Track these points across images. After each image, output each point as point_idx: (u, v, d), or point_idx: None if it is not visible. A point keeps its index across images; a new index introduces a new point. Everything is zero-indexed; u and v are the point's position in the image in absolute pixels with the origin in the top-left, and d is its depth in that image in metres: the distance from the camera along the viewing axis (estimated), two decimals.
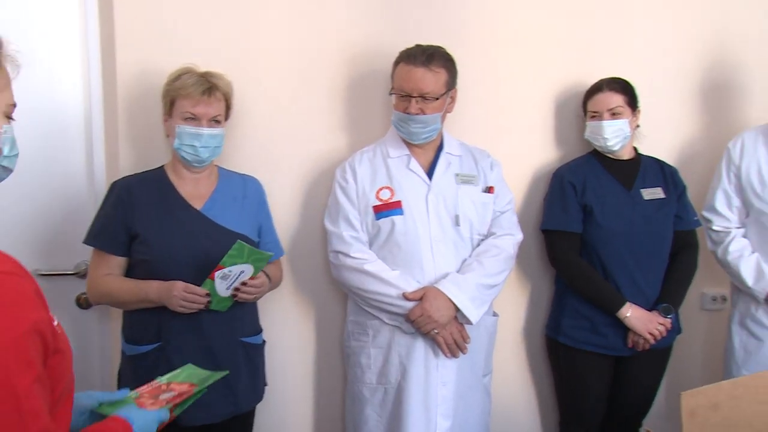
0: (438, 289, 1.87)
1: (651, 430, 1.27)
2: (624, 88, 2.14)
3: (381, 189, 1.96)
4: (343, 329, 2.09)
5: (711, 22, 2.43)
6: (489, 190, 2.02)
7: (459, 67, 1.96)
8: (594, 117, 2.15)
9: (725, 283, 2.35)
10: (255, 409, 1.89)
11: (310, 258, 2.16)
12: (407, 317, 1.87)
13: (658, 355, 2.16)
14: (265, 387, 1.90)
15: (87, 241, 1.73)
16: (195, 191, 1.78)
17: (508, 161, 2.15)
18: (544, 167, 2.33)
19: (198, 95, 1.68)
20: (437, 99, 1.89)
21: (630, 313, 2.05)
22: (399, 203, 1.94)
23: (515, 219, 2.09)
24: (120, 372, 1.80)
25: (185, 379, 1.27)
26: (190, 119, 1.70)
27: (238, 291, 1.69)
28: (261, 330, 1.89)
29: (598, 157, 2.20)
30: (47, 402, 0.90)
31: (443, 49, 1.93)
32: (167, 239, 1.69)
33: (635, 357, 2.12)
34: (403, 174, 1.97)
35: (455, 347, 1.90)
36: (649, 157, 2.25)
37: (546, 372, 2.38)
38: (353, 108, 2.15)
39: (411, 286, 1.89)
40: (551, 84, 2.32)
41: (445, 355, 1.90)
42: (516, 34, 2.26)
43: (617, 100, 2.11)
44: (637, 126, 2.19)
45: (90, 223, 1.75)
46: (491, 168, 2.06)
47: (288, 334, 2.13)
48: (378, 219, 1.93)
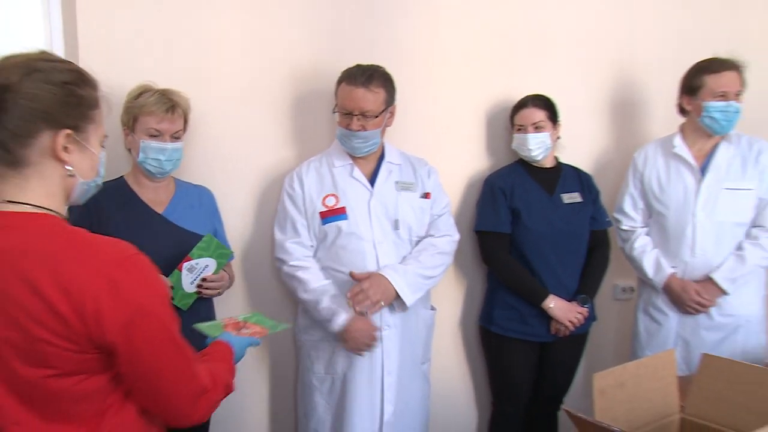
0: (381, 274, 1.95)
1: (569, 409, 1.41)
2: (546, 104, 2.24)
3: (327, 196, 2.02)
4: (294, 326, 2.17)
5: (621, 49, 2.60)
6: (426, 195, 2.10)
7: (400, 84, 2.03)
8: (520, 130, 2.26)
9: (633, 276, 2.47)
10: None
11: (260, 262, 2.20)
12: (348, 294, 1.90)
13: (576, 341, 2.29)
14: None
15: None
16: (156, 198, 1.86)
17: (444, 169, 2.24)
18: (476, 174, 2.44)
19: (162, 113, 1.75)
20: (377, 116, 1.95)
21: (553, 304, 2.17)
22: (343, 209, 2.00)
23: (452, 221, 2.18)
24: None
25: (256, 323, 1.42)
26: (154, 135, 1.77)
27: (201, 287, 1.80)
28: None
29: (524, 166, 2.31)
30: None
31: (382, 69, 1.99)
32: (135, 240, 1.75)
33: (557, 342, 2.24)
34: (347, 182, 2.03)
35: (365, 347, 1.94)
36: (568, 165, 2.36)
37: (480, 358, 2.48)
38: (301, 121, 2.20)
39: (334, 293, 1.97)
40: (482, 99, 2.42)
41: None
42: (450, 54, 2.36)
43: (540, 115, 2.22)
44: (558, 138, 2.30)
45: None
46: (428, 175, 2.14)
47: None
48: (324, 224, 2.00)
